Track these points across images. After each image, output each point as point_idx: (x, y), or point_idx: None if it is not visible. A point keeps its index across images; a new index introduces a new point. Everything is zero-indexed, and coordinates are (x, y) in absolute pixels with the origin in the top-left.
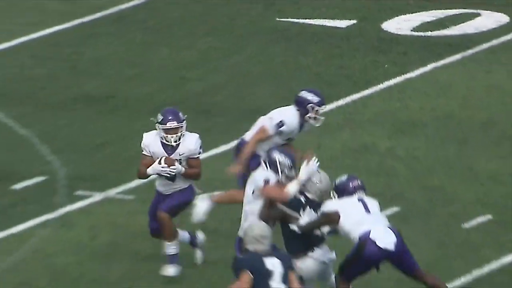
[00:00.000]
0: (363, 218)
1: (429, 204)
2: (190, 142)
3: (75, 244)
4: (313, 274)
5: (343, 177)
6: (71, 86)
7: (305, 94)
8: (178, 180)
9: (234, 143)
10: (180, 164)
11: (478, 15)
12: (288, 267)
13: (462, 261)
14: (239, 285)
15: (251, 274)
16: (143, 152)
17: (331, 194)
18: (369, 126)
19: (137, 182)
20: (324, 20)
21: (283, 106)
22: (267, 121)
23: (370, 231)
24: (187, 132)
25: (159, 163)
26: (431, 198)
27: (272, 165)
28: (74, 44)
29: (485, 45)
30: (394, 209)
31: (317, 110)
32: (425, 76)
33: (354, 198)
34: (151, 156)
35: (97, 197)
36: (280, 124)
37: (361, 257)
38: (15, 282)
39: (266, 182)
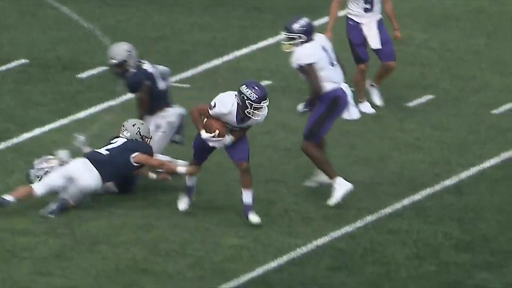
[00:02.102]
0: (332, 72)
1: (461, 92)
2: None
3: None
4: (174, 124)
5: (301, 19)
6: None
7: None
8: None
9: (280, 37)
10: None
11: None
12: (129, 148)
13: (491, 144)
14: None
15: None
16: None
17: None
18: (406, 20)
19: (192, 71)
20: None
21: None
22: None
23: (341, 88)
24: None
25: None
26: (463, 87)
27: None
28: None
29: None
30: (428, 97)
31: None
32: None
33: (318, 45)
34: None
35: None
36: None
37: (336, 111)
38: None
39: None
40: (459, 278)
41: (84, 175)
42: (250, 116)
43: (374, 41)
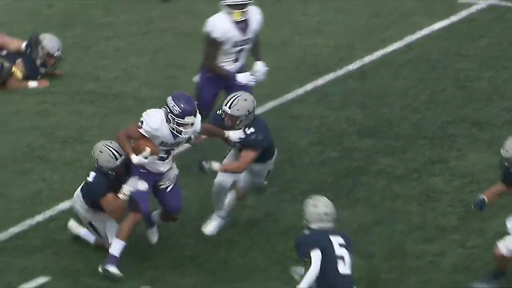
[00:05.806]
0: None
1: None
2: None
3: (32, 12)
4: None
5: None
6: None
7: None
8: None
9: None
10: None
11: None
12: None
13: (394, 28)
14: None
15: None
16: None
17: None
18: None
19: None
20: None
21: None
22: None
23: None
24: None
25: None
26: None
27: None
28: None
29: None
30: None
31: None
32: None
33: None
34: None
35: None
36: None
37: None
38: None
39: None
40: (362, 164)
41: None
42: (174, 132)
43: None
